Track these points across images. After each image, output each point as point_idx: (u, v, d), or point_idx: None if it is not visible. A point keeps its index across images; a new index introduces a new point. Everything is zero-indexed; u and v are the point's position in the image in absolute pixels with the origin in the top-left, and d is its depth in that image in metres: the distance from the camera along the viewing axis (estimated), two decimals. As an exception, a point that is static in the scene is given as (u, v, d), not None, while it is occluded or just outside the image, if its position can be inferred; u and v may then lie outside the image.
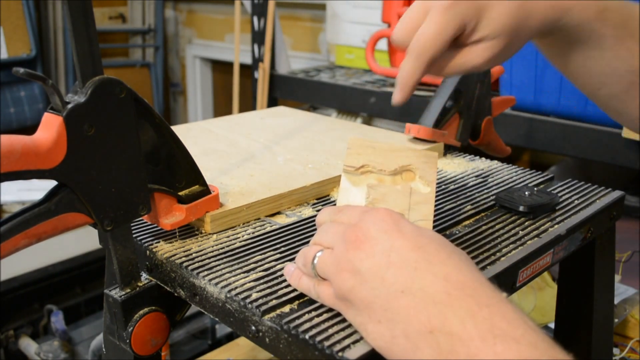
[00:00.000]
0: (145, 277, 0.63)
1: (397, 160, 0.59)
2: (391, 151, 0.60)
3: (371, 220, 0.49)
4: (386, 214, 0.49)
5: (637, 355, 1.11)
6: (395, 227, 0.48)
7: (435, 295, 0.43)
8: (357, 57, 1.87)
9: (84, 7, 0.50)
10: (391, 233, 0.47)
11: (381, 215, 0.49)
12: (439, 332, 0.41)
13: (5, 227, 0.49)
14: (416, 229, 0.49)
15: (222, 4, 2.96)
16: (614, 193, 0.78)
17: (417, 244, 0.47)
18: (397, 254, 0.46)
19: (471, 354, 0.40)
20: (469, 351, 0.40)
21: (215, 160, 0.82)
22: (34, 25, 2.63)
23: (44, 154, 0.49)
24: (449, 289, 0.43)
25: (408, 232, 0.48)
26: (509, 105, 1.01)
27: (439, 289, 0.43)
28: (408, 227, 0.48)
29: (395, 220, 0.49)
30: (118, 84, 0.53)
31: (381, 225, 0.48)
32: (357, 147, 0.60)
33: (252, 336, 0.53)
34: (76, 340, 1.56)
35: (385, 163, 0.59)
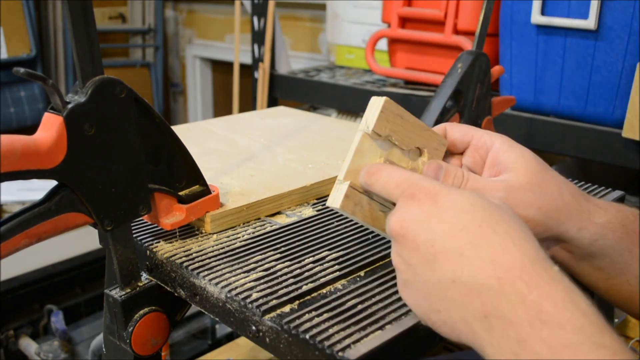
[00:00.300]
0: (146, 277, 0.63)
1: (415, 139, 0.57)
2: (415, 127, 0.57)
3: (407, 207, 0.47)
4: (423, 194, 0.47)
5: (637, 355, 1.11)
6: (433, 210, 0.46)
7: (486, 281, 0.43)
8: (357, 57, 1.87)
9: (84, 7, 0.50)
10: (430, 219, 0.46)
11: (417, 198, 0.47)
12: (492, 317, 0.42)
13: (5, 227, 0.49)
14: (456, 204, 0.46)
15: (222, 4, 2.96)
16: (614, 193, 0.78)
17: (459, 226, 0.45)
18: (440, 242, 0.45)
19: (521, 339, 0.40)
20: (519, 336, 0.40)
21: (215, 160, 0.82)
22: (34, 25, 2.63)
23: (44, 153, 0.49)
24: (499, 273, 0.43)
25: (447, 213, 0.46)
26: (509, 105, 1.01)
27: (489, 274, 0.43)
28: (448, 204, 0.46)
29: (434, 199, 0.47)
30: (118, 84, 0.53)
31: (418, 212, 0.47)
32: (389, 113, 0.55)
33: (253, 336, 0.53)
34: (76, 340, 1.56)
35: (405, 139, 0.56)
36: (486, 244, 0.44)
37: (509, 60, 1.31)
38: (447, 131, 0.60)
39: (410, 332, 0.50)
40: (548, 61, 1.25)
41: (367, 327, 0.49)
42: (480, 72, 0.89)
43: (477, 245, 0.44)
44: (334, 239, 0.65)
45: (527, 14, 1.25)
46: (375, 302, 0.53)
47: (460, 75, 0.87)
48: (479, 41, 0.90)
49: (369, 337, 0.48)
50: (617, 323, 1.15)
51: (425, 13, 1.47)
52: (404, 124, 0.56)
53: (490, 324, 0.42)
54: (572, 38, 1.20)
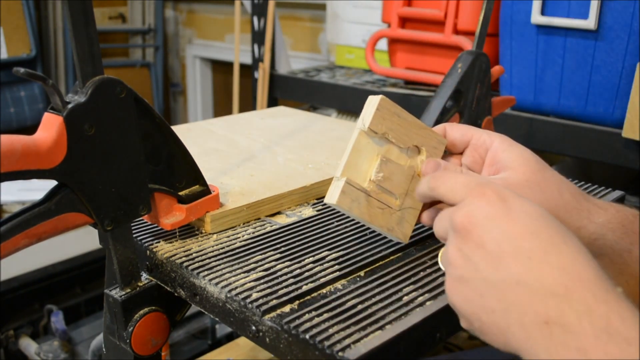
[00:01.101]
0: (146, 277, 0.63)
1: (413, 137, 0.57)
2: (413, 126, 0.57)
3: (477, 203, 0.46)
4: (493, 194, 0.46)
5: (637, 355, 1.11)
6: (504, 210, 0.45)
7: (553, 287, 0.42)
8: (357, 57, 1.87)
9: (84, 7, 0.50)
10: (500, 219, 0.45)
11: (487, 197, 0.46)
12: (554, 324, 0.41)
13: (6, 227, 0.49)
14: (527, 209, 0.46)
15: (222, 4, 2.96)
16: (614, 193, 0.78)
17: (530, 229, 0.44)
18: (508, 242, 0.44)
19: (582, 348, 0.40)
20: (579, 345, 0.40)
21: (215, 160, 0.82)
22: (34, 25, 2.63)
23: (44, 153, 0.49)
24: (566, 281, 0.42)
25: (519, 215, 0.45)
26: (509, 105, 1.01)
27: (556, 281, 0.42)
28: (518, 208, 0.46)
29: (504, 200, 0.46)
30: (118, 84, 0.53)
31: (488, 210, 0.46)
32: (385, 111, 0.56)
33: (253, 336, 0.53)
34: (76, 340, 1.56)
35: (403, 137, 0.57)
36: (556, 251, 0.43)
37: (509, 60, 1.31)
38: (447, 131, 0.60)
39: (410, 332, 0.50)
40: (548, 61, 1.25)
41: (367, 327, 0.49)
42: (480, 72, 0.89)
43: (547, 252, 0.43)
44: (334, 239, 0.65)
45: (527, 14, 1.25)
46: (375, 302, 0.53)
47: (460, 75, 0.87)
48: (479, 41, 0.90)
49: (369, 337, 0.48)
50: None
51: (425, 13, 1.47)
52: (401, 122, 0.57)
53: (550, 331, 0.41)
54: (572, 38, 1.20)
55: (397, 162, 0.57)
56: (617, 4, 1.13)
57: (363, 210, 0.55)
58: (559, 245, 0.44)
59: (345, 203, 0.54)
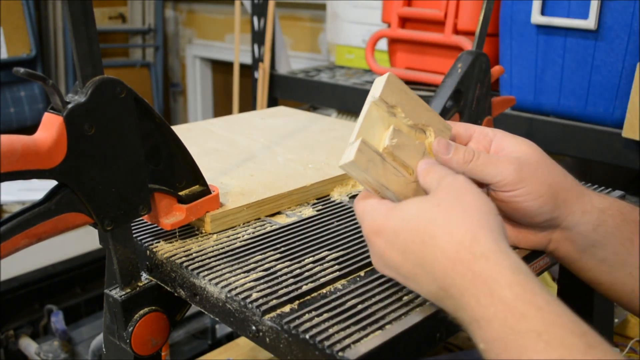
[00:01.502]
0: (146, 277, 0.63)
1: (421, 115, 0.57)
2: (419, 105, 0.57)
3: (361, 217, 0.53)
4: (370, 213, 0.52)
5: (637, 355, 1.11)
6: (376, 230, 0.51)
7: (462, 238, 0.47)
8: (357, 57, 1.87)
9: (84, 7, 0.50)
10: (374, 239, 0.52)
11: (366, 217, 0.52)
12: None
13: (6, 227, 0.49)
14: (396, 225, 0.50)
15: (222, 4, 2.96)
16: (614, 193, 0.78)
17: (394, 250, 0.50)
18: (387, 261, 0.51)
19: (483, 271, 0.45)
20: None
21: (215, 160, 0.82)
22: (34, 25, 2.63)
23: (44, 154, 0.49)
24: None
25: (385, 237, 0.50)
26: (509, 105, 1.01)
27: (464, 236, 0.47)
28: (388, 229, 0.50)
29: (377, 223, 0.51)
30: (118, 84, 0.53)
31: (367, 227, 0.52)
32: (393, 85, 0.56)
33: (253, 336, 0.53)
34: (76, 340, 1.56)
35: (411, 113, 0.56)
36: (411, 278, 0.50)
37: (509, 60, 1.31)
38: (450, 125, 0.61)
39: (410, 332, 0.50)
40: (548, 61, 1.25)
41: (367, 327, 0.49)
42: (480, 72, 0.89)
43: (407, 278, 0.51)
44: (334, 239, 0.65)
45: (527, 14, 1.25)
46: (375, 302, 0.53)
47: (460, 75, 0.87)
48: (479, 41, 0.90)
49: (369, 337, 0.48)
50: (617, 323, 1.15)
51: (425, 13, 1.47)
52: (409, 100, 0.57)
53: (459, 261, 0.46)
54: (572, 38, 1.20)
55: (408, 136, 0.56)
56: (617, 4, 1.13)
57: (380, 173, 0.53)
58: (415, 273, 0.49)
59: (362, 162, 0.52)
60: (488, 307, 0.42)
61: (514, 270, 0.43)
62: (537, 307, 0.41)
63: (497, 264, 0.44)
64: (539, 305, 0.41)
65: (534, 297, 0.42)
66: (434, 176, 0.52)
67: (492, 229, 0.47)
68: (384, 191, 0.54)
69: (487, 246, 0.45)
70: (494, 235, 0.46)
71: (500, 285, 0.42)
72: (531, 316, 0.41)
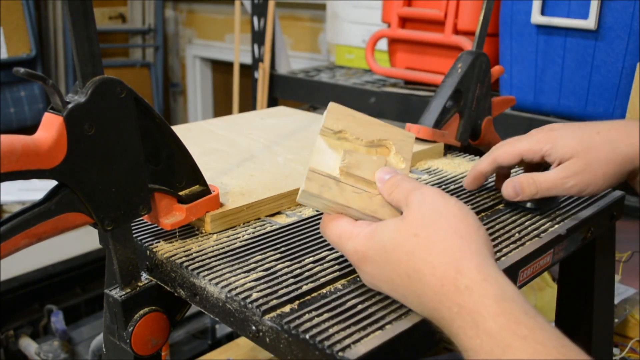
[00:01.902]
0: (146, 277, 0.63)
1: (374, 133, 0.58)
2: (370, 124, 0.59)
3: (338, 244, 0.55)
4: (349, 242, 0.53)
5: (637, 355, 1.11)
6: (360, 260, 0.52)
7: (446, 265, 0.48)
8: (357, 57, 1.87)
9: (84, 7, 0.50)
10: (361, 268, 0.53)
11: (346, 246, 0.53)
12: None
13: (5, 227, 0.49)
14: (379, 257, 0.51)
15: (222, 4, 2.96)
16: (614, 193, 0.78)
17: (382, 281, 0.51)
18: (378, 288, 0.53)
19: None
20: None
21: (215, 160, 0.82)
22: (34, 25, 2.63)
23: (44, 153, 0.49)
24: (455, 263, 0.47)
25: (370, 268, 0.52)
26: (509, 105, 1.01)
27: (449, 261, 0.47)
28: (371, 261, 0.51)
29: (360, 253, 0.52)
30: (118, 84, 0.53)
31: (351, 258, 0.54)
32: (336, 113, 0.59)
33: (253, 336, 0.53)
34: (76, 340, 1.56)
35: (363, 133, 0.58)
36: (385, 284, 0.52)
37: (509, 60, 1.31)
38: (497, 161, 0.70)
39: (410, 332, 0.50)
40: (548, 61, 1.25)
41: (367, 327, 0.49)
42: (480, 72, 0.89)
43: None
44: (334, 239, 0.65)
45: (527, 14, 1.25)
46: (375, 302, 0.53)
47: (460, 75, 0.87)
48: (479, 41, 0.90)
49: (369, 337, 0.48)
50: (617, 323, 1.15)
51: (425, 13, 1.47)
52: (356, 121, 0.58)
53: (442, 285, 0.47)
54: (572, 38, 1.20)
55: (364, 154, 0.57)
56: (617, 4, 1.13)
57: (336, 194, 0.54)
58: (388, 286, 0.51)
59: (313, 188, 0.54)
60: (474, 338, 0.43)
61: (499, 299, 0.43)
62: (522, 337, 0.41)
63: (481, 296, 0.44)
64: (523, 334, 0.41)
65: (518, 326, 0.42)
66: (400, 191, 0.53)
67: (474, 252, 0.47)
68: (347, 210, 0.55)
69: (470, 277, 0.45)
70: (476, 260, 0.46)
71: (484, 318, 0.43)
72: (516, 347, 0.41)
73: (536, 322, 0.42)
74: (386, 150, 0.58)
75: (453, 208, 0.50)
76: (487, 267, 0.46)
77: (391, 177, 0.54)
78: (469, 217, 0.49)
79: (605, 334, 0.82)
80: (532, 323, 0.42)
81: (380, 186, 0.55)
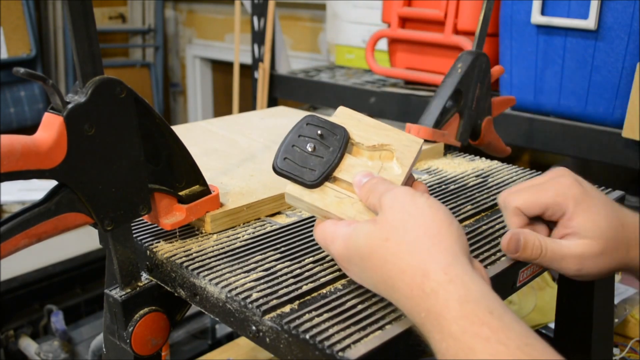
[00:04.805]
0: (146, 277, 0.63)
1: (379, 137, 0.58)
2: (376, 128, 0.59)
3: (324, 246, 0.55)
4: (333, 243, 0.53)
5: (637, 355, 1.11)
6: (344, 263, 0.52)
7: None
8: (357, 57, 1.87)
9: (84, 7, 0.50)
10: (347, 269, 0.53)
11: (331, 247, 0.53)
12: None
13: (5, 227, 0.49)
14: (357, 263, 0.51)
15: (222, 4, 2.96)
16: (614, 193, 0.78)
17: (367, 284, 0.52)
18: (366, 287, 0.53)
19: None
20: None
21: (215, 160, 0.82)
22: (34, 25, 2.63)
23: (44, 154, 0.49)
24: None
25: (353, 270, 0.52)
26: (509, 105, 1.01)
27: None
28: (353, 265, 0.51)
29: (343, 256, 0.52)
30: (118, 84, 0.53)
31: (336, 258, 0.54)
32: (343, 116, 0.59)
33: (253, 336, 0.53)
34: (76, 340, 1.56)
35: (366, 137, 0.58)
36: None
37: (509, 60, 1.31)
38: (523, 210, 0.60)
39: (410, 332, 0.50)
40: (548, 61, 1.25)
41: (367, 327, 0.49)
42: (480, 72, 0.89)
43: None
44: (334, 239, 0.64)
45: (527, 14, 1.25)
46: (375, 302, 0.53)
47: (460, 75, 0.87)
48: (479, 41, 0.90)
49: (369, 337, 0.48)
50: (617, 323, 1.15)
51: (425, 13, 1.47)
52: (361, 125, 0.59)
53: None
54: (572, 38, 1.20)
55: (358, 158, 0.57)
56: (617, 4, 1.13)
57: (315, 198, 0.54)
58: None
59: (295, 191, 0.55)
60: (441, 342, 0.43)
61: (462, 301, 0.43)
62: (484, 339, 0.41)
63: (445, 299, 0.44)
64: (485, 336, 0.41)
65: (481, 328, 0.42)
66: (374, 196, 0.52)
67: (443, 250, 0.47)
68: (327, 215, 0.55)
69: (436, 280, 0.45)
70: (445, 261, 0.46)
71: (448, 321, 0.43)
72: (479, 349, 0.41)
73: (500, 322, 0.42)
74: (390, 155, 0.58)
75: (423, 207, 0.49)
76: (455, 266, 0.46)
77: (367, 181, 0.54)
78: (439, 214, 0.49)
79: (605, 334, 0.82)
80: (495, 324, 0.42)
81: (357, 191, 0.54)
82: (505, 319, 0.43)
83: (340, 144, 0.56)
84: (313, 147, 0.56)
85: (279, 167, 0.55)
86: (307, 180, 0.55)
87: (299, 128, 0.57)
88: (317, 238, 0.55)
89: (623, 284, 1.25)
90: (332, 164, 0.55)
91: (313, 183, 0.55)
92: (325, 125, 0.57)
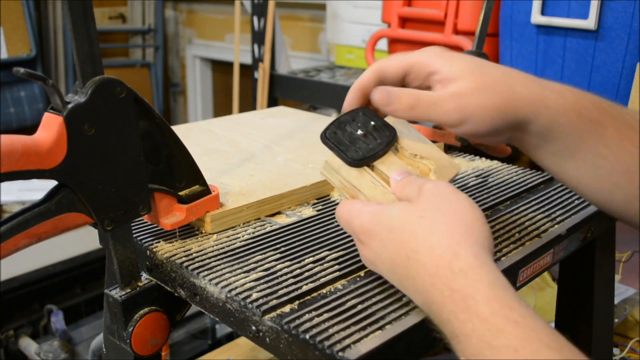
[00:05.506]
0: (146, 277, 0.63)
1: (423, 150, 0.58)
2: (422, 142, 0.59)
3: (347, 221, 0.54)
4: (357, 218, 0.52)
5: (637, 355, 1.11)
6: (365, 239, 0.52)
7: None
8: (357, 57, 1.87)
9: (84, 7, 0.50)
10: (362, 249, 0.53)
11: (354, 222, 0.52)
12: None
13: (5, 227, 0.49)
14: (382, 236, 0.50)
15: (222, 4, 2.96)
16: (614, 193, 0.78)
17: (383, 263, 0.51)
18: (378, 270, 0.52)
19: None
20: None
21: (215, 160, 0.82)
22: (34, 25, 2.63)
23: (44, 154, 0.49)
24: None
25: (373, 248, 0.51)
26: (509, 105, 1.00)
27: None
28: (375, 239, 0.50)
29: (366, 229, 0.51)
30: (118, 84, 0.53)
31: (356, 234, 0.53)
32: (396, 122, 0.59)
33: (253, 336, 0.53)
34: (76, 340, 1.56)
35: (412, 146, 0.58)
36: None
37: (509, 60, 1.31)
38: (383, 67, 0.58)
39: (410, 332, 0.50)
40: (548, 61, 1.25)
41: (367, 327, 0.49)
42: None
43: None
44: (334, 239, 0.65)
45: (527, 14, 1.25)
46: (375, 302, 0.53)
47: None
48: (479, 41, 0.90)
49: (369, 337, 0.48)
50: (617, 323, 1.15)
51: (425, 13, 1.47)
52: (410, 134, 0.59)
53: None
54: (572, 38, 1.20)
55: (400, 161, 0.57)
56: (617, 4, 1.13)
57: (352, 175, 0.55)
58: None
59: (335, 162, 0.56)
60: (466, 323, 0.43)
61: (492, 285, 0.43)
62: (514, 322, 0.41)
63: (475, 280, 0.44)
64: (515, 320, 0.41)
65: (511, 312, 0.42)
66: (413, 187, 0.52)
67: (475, 241, 0.47)
68: (357, 194, 0.55)
69: (466, 262, 0.45)
70: (475, 249, 0.46)
71: (476, 302, 0.43)
72: (508, 331, 0.41)
73: (527, 309, 0.42)
74: (427, 170, 0.58)
75: (463, 200, 0.50)
76: (485, 256, 0.46)
77: (405, 176, 0.54)
78: (476, 212, 0.49)
79: (605, 334, 0.82)
80: (523, 310, 0.42)
81: (393, 184, 0.54)
82: (530, 310, 0.43)
83: (388, 141, 0.57)
84: (363, 133, 0.57)
85: (327, 137, 0.57)
86: (349, 157, 0.55)
87: (354, 113, 0.58)
88: (338, 214, 0.55)
89: (623, 284, 1.25)
90: (376, 152, 0.56)
91: (354, 161, 0.55)
92: (379, 120, 0.58)
